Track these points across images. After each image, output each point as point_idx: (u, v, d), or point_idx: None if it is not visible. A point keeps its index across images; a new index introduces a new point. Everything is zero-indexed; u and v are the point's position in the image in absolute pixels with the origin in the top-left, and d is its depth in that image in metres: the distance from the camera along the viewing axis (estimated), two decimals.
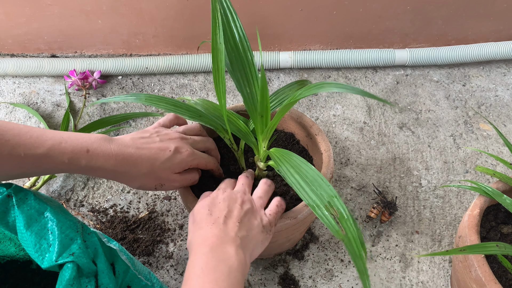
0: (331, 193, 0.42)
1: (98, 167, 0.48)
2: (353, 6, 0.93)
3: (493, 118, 0.92)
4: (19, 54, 1.06)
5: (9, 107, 0.96)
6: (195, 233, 0.48)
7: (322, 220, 0.40)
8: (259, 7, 0.93)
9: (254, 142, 0.58)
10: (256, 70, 0.53)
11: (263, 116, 0.52)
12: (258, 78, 0.52)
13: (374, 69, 1.02)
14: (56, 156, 0.45)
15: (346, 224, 0.39)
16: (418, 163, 0.84)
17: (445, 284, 0.68)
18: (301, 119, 0.67)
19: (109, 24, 0.98)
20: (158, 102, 0.53)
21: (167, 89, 0.99)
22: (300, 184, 0.45)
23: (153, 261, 0.72)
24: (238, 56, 0.51)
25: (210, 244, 0.45)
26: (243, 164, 0.63)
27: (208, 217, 0.49)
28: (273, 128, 0.53)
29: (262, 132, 0.54)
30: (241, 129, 0.57)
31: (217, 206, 0.50)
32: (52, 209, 0.44)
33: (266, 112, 0.52)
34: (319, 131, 0.65)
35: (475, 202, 0.59)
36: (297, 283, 0.69)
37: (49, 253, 0.41)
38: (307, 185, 0.44)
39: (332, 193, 0.42)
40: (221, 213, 0.49)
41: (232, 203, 0.51)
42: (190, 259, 0.46)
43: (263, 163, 0.57)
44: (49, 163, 0.45)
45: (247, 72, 0.52)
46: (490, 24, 0.99)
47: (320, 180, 0.44)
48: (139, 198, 0.80)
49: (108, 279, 0.43)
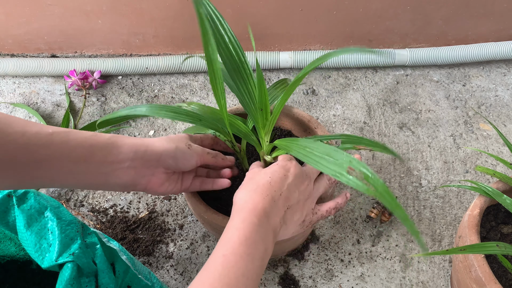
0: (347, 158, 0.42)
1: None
2: (353, 6, 0.93)
3: (493, 118, 0.92)
4: (19, 54, 1.06)
5: (9, 107, 0.96)
6: (250, 192, 0.48)
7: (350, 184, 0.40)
8: (259, 7, 0.93)
9: (255, 140, 0.58)
10: (249, 67, 0.53)
11: (262, 109, 0.52)
12: (252, 75, 0.53)
13: (374, 69, 1.02)
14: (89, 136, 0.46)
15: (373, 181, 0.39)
16: (418, 163, 0.84)
17: (445, 284, 0.68)
18: (298, 115, 0.68)
19: (109, 24, 0.98)
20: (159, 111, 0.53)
21: (167, 89, 0.99)
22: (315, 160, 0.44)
23: (153, 261, 0.72)
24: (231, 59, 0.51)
25: (259, 215, 0.45)
26: (247, 165, 0.63)
27: (267, 186, 0.48)
28: (275, 120, 0.54)
29: (264, 126, 0.54)
30: (241, 129, 0.57)
31: (279, 178, 0.49)
32: (52, 209, 0.44)
33: (266, 105, 0.52)
34: (318, 124, 0.66)
35: (475, 202, 0.59)
36: (297, 283, 0.69)
37: (49, 253, 0.41)
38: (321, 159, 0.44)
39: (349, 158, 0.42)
40: (280, 189, 0.48)
41: (294, 186, 0.50)
42: (239, 216, 0.45)
43: (269, 156, 0.57)
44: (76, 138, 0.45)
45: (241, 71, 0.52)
46: (490, 24, 0.99)
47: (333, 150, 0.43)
48: (139, 198, 0.80)
49: (108, 278, 0.43)
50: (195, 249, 0.73)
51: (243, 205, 0.46)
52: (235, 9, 0.94)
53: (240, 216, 0.44)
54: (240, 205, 0.46)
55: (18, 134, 0.41)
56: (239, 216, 0.45)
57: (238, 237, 0.42)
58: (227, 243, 0.42)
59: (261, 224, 0.44)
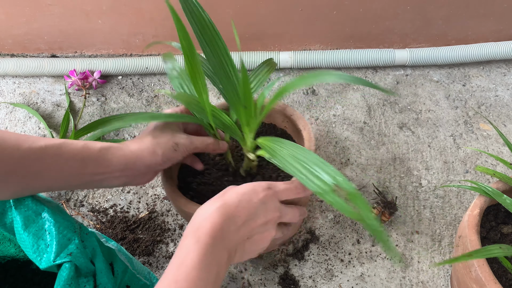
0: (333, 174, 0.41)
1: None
2: (353, 6, 0.93)
3: (493, 118, 0.91)
4: (19, 54, 1.06)
5: (9, 107, 0.96)
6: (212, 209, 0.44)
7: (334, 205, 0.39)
8: (259, 7, 0.93)
9: (239, 134, 0.57)
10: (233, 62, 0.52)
11: (246, 107, 0.51)
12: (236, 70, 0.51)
13: (374, 69, 1.02)
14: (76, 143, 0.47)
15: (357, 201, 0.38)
16: (418, 163, 0.84)
17: (445, 284, 0.68)
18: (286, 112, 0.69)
19: (109, 24, 0.98)
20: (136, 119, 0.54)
21: (167, 88, 0.99)
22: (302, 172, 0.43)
23: (153, 261, 0.72)
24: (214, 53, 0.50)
25: (214, 236, 0.42)
26: (230, 158, 0.63)
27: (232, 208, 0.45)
28: (261, 118, 0.53)
29: (248, 124, 0.53)
30: (226, 122, 0.56)
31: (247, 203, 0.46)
32: (50, 210, 0.44)
33: (249, 102, 0.51)
34: (293, 111, 0.67)
35: (475, 202, 0.59)
36: (297, 283, 0.69)
37: (47, 253, 0.41)
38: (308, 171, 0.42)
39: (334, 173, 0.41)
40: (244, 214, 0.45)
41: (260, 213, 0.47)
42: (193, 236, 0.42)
43: (253, 154, 0.57)
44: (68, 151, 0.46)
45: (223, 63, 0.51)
46: (490, 24, 0.99)
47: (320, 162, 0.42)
48: (139, 198, 0.80)
49: (107, 278, 0.43)
50: None
51: (201, 223, 0.43)
52: (235, 9, 0.94)
53: (195, 236, 0.42)
54: (198, 222, 0.44)
55: (13, 148, 0.42)
56: (194, 236, 0.42)
57: (191, 259, 0.40)
58: (180, 267, 0.40)
59: (215, 244, 0.42)
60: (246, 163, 0.60)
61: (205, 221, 0.43)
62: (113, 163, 0.49)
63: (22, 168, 0.43)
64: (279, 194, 0.49)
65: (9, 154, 0.42)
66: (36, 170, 0.44)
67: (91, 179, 0.48)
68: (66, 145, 0.46)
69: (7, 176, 0.42)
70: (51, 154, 0.45)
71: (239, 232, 0.45)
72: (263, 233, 0.48)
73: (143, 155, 0.51)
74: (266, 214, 0.47)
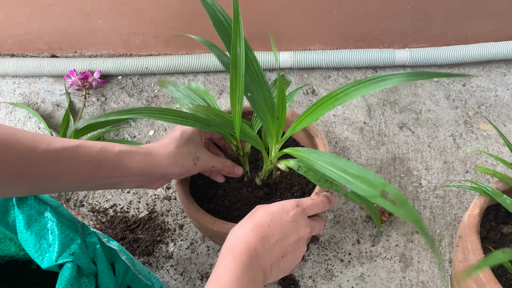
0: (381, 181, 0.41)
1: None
2: (353, 6, 0.93)
3: (493, 118, 0.92)
4: (19, 54, 1.06)
5: (9, 107, 0.96)
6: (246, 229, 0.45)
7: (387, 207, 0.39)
8: (259, 7, 0.93)
9: (261, 144, 0.57)
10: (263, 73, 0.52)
11: (279, 118, 0.51)
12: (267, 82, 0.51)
13: (374, 69, 1.02)
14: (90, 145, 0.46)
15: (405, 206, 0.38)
16: (418, 163, 0.84)
17: (445, 284, 0.68)
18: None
19: (109, 24, 0.98)
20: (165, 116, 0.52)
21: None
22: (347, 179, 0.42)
23: (153, 261, 0.72)
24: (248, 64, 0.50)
25: (250, 256, 0.43)
26: (248, 168, 0.63)
27: (265, 227, 0.46)
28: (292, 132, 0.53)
29: (276, 134, 0.53)
30: (248, 134, 0.56)
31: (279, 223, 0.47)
32: (52, 209, 0.44)
33: (283, 114, 0.51)
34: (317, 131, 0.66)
35: (475, 202, 0.59)
36: (297, 283, 0.69)
37: (49, 253, 0.41)
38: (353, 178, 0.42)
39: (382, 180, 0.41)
40: (277, 233, 0.46)
41: (292, 231, 0.47)
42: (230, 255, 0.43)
43: (284, 164, 0.57)
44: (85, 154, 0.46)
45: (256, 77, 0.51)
46: (490, 24, 0.99)
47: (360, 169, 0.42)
48: (139, 198, 0.80)
49: (108, 279, 0.43)
50: (195, 249, 0.73)
51: (236, 243, 0.44)
52: None
53: (232, 255, 0.42)
54: (232, 242, 0.44)
55: (28, 150, 0.42)
56: (230, 255, 0.42)
57: (229, 276, 0.40)
58: (218, 283, 0.40)
59: (251, 264, 0.42)
60: (265, 173, 0.61)
61: (240, 241, 0.44)
62: (130, 168, 0.49)
63: (36, 170, 0.42)
64: (307, 210, 0.50)
65: (24, 156, 0.41)
66: (51, 172, 0.43)
67: (105, 182, 0.48)
68: (83, 148, 0.45)
69: (20, 177, 0.42)
70: (67, 157, 0.44)
71: (274, 251, 0.45)
72: (296, 251, 0.48)
73: (163, 163, 0.51)
74: (298, 232, 0.48)
